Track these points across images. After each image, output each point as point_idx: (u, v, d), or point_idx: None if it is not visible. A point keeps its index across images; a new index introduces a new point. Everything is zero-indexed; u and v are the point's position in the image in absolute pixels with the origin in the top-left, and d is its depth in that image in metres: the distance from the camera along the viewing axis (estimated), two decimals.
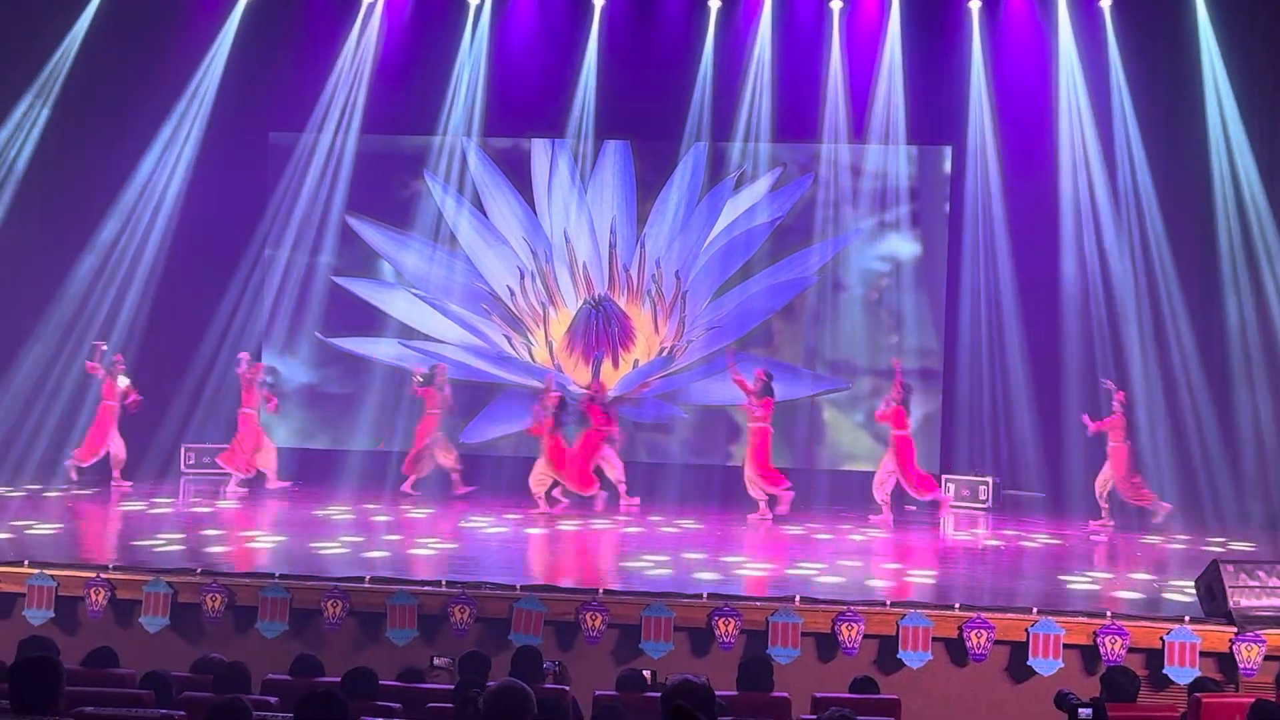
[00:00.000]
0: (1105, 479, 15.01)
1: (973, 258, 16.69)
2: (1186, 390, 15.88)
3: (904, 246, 17.26)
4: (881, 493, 15.09)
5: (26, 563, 10.62)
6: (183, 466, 16.75)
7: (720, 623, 9.87)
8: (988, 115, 16.59)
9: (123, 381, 15.85)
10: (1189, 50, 15.92)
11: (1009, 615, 9.93)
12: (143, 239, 16.99)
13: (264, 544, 12.72)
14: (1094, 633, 9.64)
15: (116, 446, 15.76)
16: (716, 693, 5.91)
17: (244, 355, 16.21)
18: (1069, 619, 9.84)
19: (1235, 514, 15.06)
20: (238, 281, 17.17)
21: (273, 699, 6.92)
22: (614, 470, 15.24)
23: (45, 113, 16.51)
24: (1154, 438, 15.69)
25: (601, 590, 10.33)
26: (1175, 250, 16.28)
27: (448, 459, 15.87)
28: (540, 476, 14.80)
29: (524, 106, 17.13)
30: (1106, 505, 15.00)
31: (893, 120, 16.68)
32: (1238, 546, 13.67)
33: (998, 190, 16.56)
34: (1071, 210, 16.41)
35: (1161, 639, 9.53)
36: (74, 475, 15.61)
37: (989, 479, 16.16)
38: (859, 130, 16.86)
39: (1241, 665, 9.38)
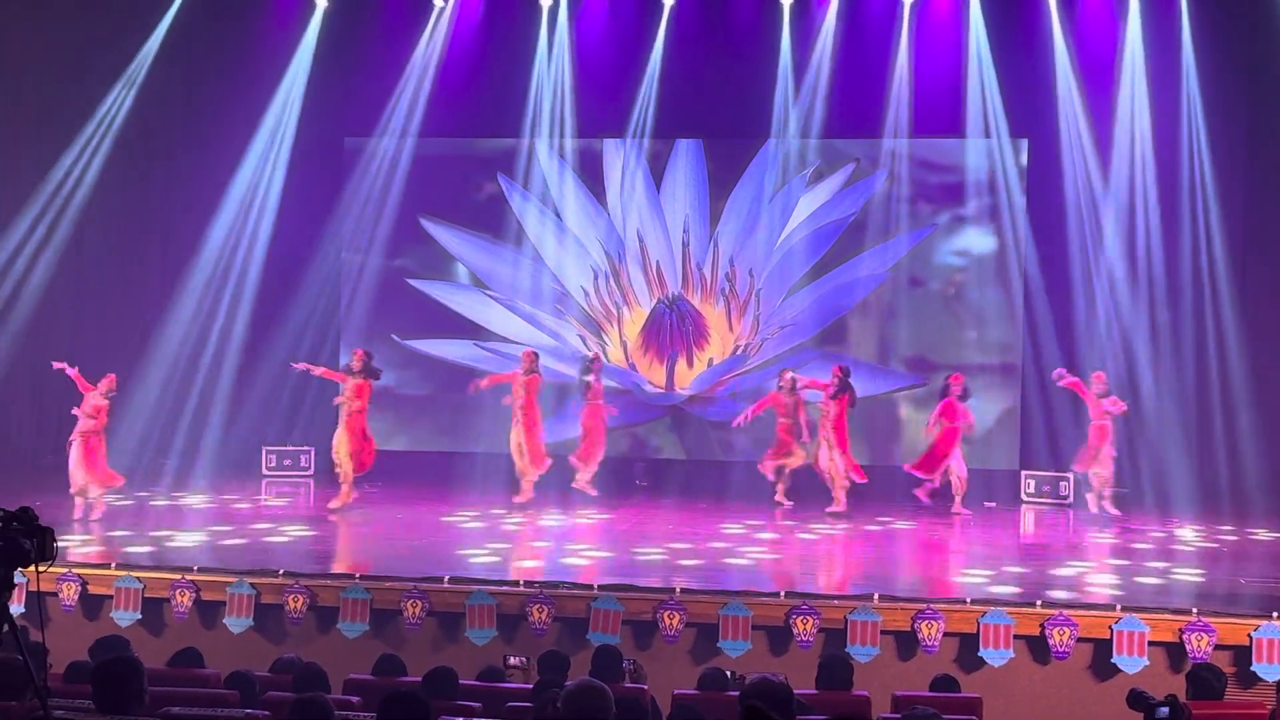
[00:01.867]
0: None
1: (1051, 250, 16.46)
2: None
3: (980, 241, 17.08)
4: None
5: (114, 565, 10.82)
6: (264, 469, 16.95)
7: (798, 621, 9.84)
8: (1066, 107, 16.33)
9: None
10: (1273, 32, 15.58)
11: (1092, 612, 9.80)
12: (235, 247, 17.30)
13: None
14: (1180, 629, 9.50)
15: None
16: (795, 691, 5.89)
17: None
18: (1154, 615, 9.69)
19: None
20: (314, 285, 17.39)
21: (355, 699, 6.99)
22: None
23: (117, 123, 16.74)
24: (1234, 430, 15.45)
25: (679, 589, 10.32)
26: (1259, 241, 16.03)
27: None
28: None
29: (596, 107, 17.14)
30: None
31: (968, 113, 16.51)
32: None
33: (1078, 182, 16.31)
34: (1152, 202, 16.14)
35: (1249, 635, 9.36)
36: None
37: (1070, 474, 15.94)
38: (933, 124, 16.68)
39: None
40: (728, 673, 7.99)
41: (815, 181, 17.20)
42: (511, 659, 8.49)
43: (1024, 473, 16.22)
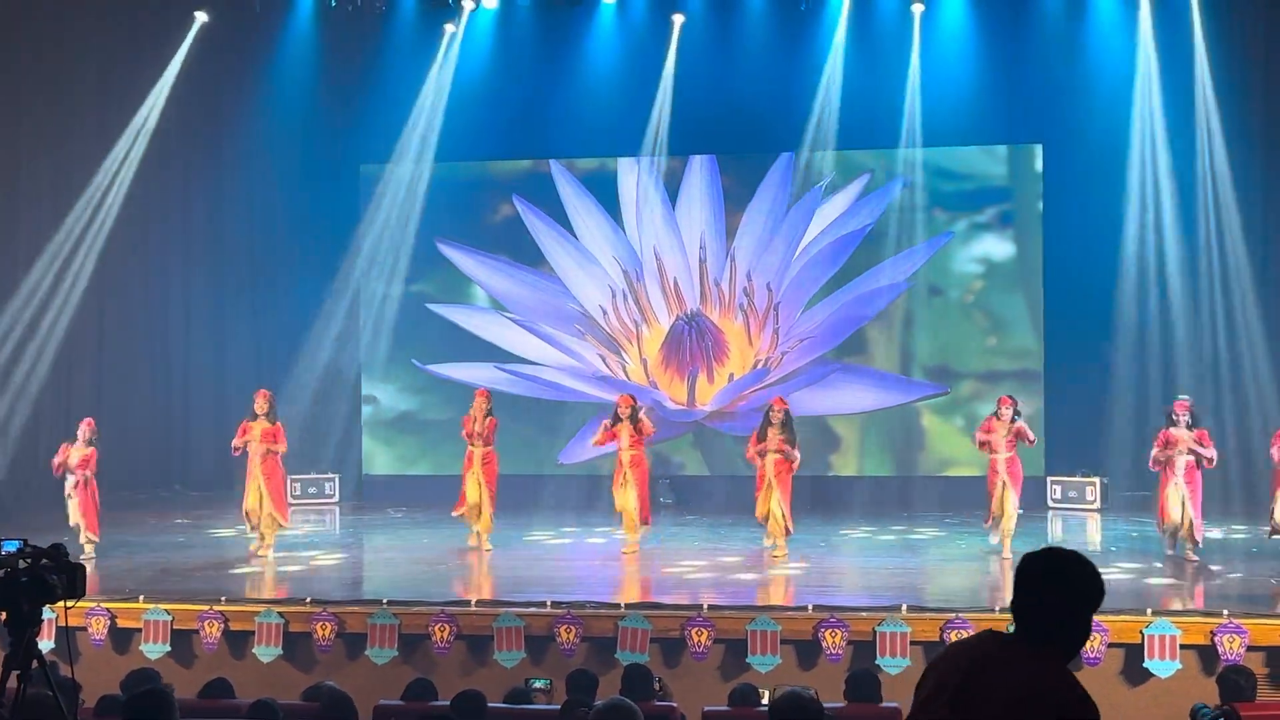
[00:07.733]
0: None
1: (1069, 255, 16.40)
2: None
3: (998, 247, 17.06)
4: None
5: (141, 598, 10.84)
6: (288, 497, 16.94)
7: (827, 634, 9.80)
8: (1079, 110, 16.31)
9: None
10: None
11: (1122, 617, 9.73)
12: (245, 269, 17.47)
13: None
14: (1211, 632, 9.43)
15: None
16: (825, 705, 5.87)
17: None
18: (1185, 619, 9.63)
19: None
20: (334, 313, 17.49)
21: None
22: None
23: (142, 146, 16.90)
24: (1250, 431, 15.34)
25: (706, 605, 10.30)
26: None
27: None
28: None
29: (609, 126, 17.16)
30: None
31: (980, 120, 16.49)
32: None
33: (1093, 186, 16.26)
34: (1171, 204, 16.08)
35: None
36: None
37: (1097, 479, 15.88)
38: (947, 133, 16.66)
39: None
40: (758, 688, 7.96)
41: (830, 193, 17.19)
42: (536, 682, 8.47)
43: (1050, 479, 16.14)
